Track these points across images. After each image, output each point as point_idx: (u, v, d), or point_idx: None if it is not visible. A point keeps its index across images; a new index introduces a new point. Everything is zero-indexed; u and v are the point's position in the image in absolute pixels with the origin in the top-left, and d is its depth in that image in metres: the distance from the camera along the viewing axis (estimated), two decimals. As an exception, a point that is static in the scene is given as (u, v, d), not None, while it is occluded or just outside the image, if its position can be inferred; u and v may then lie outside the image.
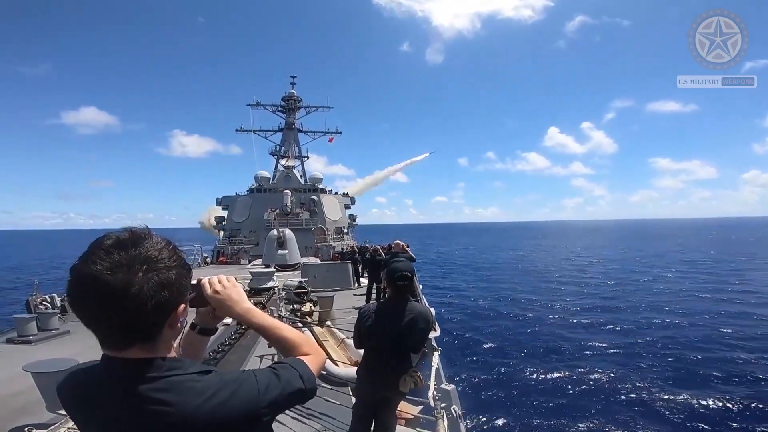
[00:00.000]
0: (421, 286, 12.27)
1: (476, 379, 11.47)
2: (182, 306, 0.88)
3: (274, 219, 24.11)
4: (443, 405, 3.44)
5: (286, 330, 1.09)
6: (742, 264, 37.23)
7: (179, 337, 0.95)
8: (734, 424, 8.58)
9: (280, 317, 6.35)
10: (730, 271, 32.93)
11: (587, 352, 13.60)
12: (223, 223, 29.44)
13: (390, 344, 2.80)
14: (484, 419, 9.08)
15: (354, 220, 32.98)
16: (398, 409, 3.29)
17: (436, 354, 4.20)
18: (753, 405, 9.21)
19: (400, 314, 2.82)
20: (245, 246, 25.26)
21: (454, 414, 3.48)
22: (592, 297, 23.62)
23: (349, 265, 14.12)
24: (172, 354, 0.91)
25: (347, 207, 32.31)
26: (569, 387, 10.79)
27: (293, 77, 33.83)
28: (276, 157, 33.02)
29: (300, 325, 6.59)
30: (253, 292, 10.35)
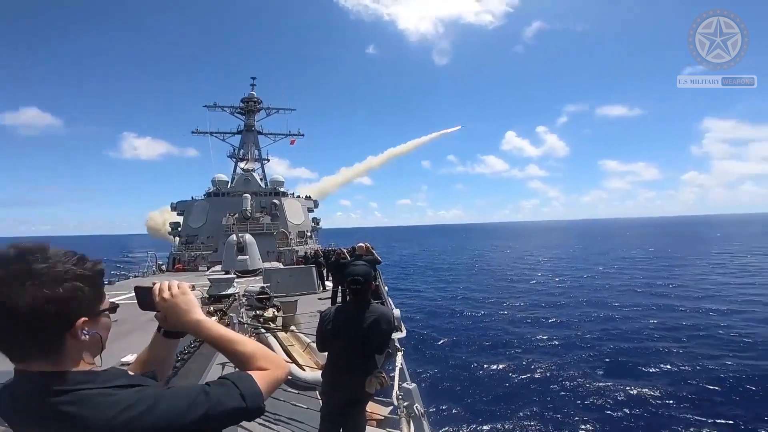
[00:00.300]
0: (386, 288, 12.45)
1: (432, 372, 12.17)
2: (82, 319, 0.86)
3: (233, 224, 23.38)
4: (406, 404, 3.60)
5: (240, 343, 1.03)
6: (675, 261, 40.83)
7: (100, 349, 0.94)
8: (654, 409, 9.57)
9: (241, 324, 6.28)
10: (663, 267, 36.10)
11: (532, 345, 14.72)
12: (179, 228, 28.06)
13: (353, 346, 2.83)
14: (441, 411, 9.63)
15: (318, 224, 32.64)
16: (368, 410, 3.35)
17: (400, 354, 4.39)
18: (671, 390, 10.37)
19: (362, 316, 2.85)
20: (203, 252, 24.26)
21: (417, 412, 3.64)
22: (539, 294, 25.18)
23: (314, 269, 14.01)
24: (85, 366, 0.88)
25: (310, 210, 31.91)
26: (515, 376, 11.78)
27: (253, 78, 33.14)
28: (235, 159, 32.00)
29: (263, 331, 6.54)
30: (212, 299, 10.05)
